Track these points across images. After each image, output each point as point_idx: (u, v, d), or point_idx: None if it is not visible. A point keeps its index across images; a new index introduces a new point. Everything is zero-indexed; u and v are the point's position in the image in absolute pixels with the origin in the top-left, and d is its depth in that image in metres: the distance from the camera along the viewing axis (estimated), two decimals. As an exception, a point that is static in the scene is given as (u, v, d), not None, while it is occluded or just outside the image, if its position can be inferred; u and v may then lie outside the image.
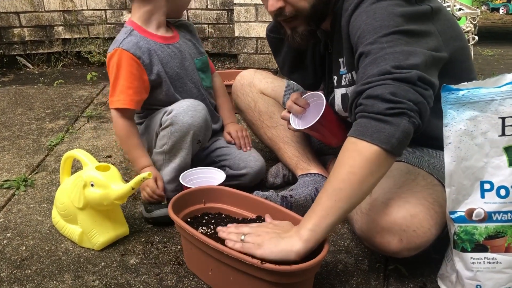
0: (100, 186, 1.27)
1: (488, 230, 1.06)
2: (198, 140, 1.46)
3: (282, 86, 1.68)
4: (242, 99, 1.69)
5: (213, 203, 1.35)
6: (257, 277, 1.05)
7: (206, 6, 3.14)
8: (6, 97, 2.65)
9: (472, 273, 1.09)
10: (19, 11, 3.17)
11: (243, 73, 1.74)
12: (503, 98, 1.00)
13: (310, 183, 1.47)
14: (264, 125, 1.63)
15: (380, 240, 1.14)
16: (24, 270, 1.27)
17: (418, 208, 1.13)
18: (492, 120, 1.02)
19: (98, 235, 1.33)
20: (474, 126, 1.03)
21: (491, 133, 1.03)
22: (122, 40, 1.46)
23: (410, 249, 1.14)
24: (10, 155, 1.94)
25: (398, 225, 1.12)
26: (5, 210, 1.55)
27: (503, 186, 1.04)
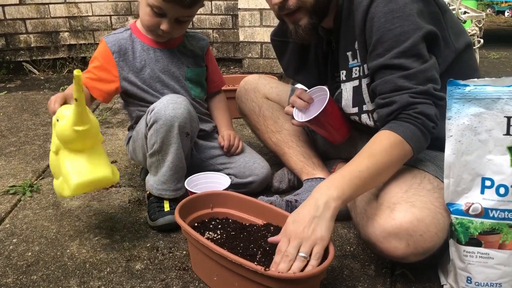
0: (62, 117, 1.22)
1: (484, 225, 1.08)
2: (187, 133, 1.44)
3: (287, 91, 1.68)
4: (247, 104, 1.69)
5: (220, 208, 1.35)
6: (262, 284, 1.04)
7: (211, 11, 3.15)
8: (13, 103, 2.67)
9: (464, 264, 1.11)
10: (25, 17, 3.20)
11: (247, 79, 1.74)
12: (510, 98, 1.01)
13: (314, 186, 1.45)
14: (268, 130, 1.63)
15: (386, 245, 1.13)
16: (30, 276, 1.27)
17: (424, 212, 1.13)
18: (498, 119, 1.03)
19: (74, 175, 1.22)
20: (479, 123, 1.04)
21: (496, 131, 1.04)
22: (112, 33, 1.59)
23: (418, 254, 1.13)
24: (16, 161, 1.95)
25: (404, 229, 1.11)
26: (11, 216, 1.56)
27: (503, 185, 1.05)
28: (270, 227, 1.26)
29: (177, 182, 1.47)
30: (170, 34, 1.50)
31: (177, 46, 1.60)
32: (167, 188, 1.46)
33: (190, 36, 1.65)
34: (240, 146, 1.66)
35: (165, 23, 1.45)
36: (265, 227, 1.26)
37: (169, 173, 1.45)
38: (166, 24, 1.45)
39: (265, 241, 1.19)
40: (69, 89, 1.38)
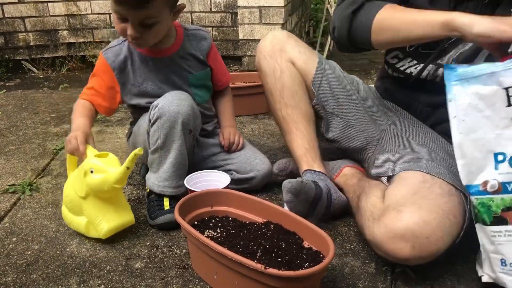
0: (99, 171, 1.28)
1: (505, 201, 1.05)
2: (190, 130, 1.44)
3: (314, 61, 1.51)
4: (270, 63, 1.51)
5: (220, 207, 1.34)
6: (262, 282, 1.04)
7: (210, 9, 3.14)
8: (12, 102, 2.66)
9: (494, 246, 1.08)
10: (24, 16, 3.19)
11: (275, 34, 1.56)
12: (504, 70, 1.02)
13: (318, 179, 1.43)
14: (282, 101, 1.50)
15: (392, 246, 1.13)
16: (29, 274, 1.26)
17: (432, 215, 1.12)
18: (498, 92, 1.04)
19: (103, 222, 1.34)
20: (480, 99, 1.05)
21: (498, 105, 1.04)
22: (109, 47, 1.56)
23: (422, 257, 1.13)
24: (15, 160, 1.95)
25: (410, 231, 1.11)
26: (10, 215, 1.55)
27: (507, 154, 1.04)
28: (270, 225, 1.25)
29: (178, 179, 1.47)
30: (144, 40, 1.43)
31: (176, 51, 1.56)
32: (169, 185, 1.46)
33: (191, 36, 1.59)
34: (241, 142, 1.65)
35: (129, 28, 1.38)
36: (265, 225, 1.26)
37: (172, 169, 1.44)
38: (131, 29, 1.38)
39: (265, 239, 1.19)
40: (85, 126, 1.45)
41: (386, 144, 1.46)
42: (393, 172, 1.33)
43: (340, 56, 3.59)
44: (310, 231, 1.18)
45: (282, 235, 1.21)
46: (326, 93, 1.50)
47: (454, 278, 1.23)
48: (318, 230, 1.16)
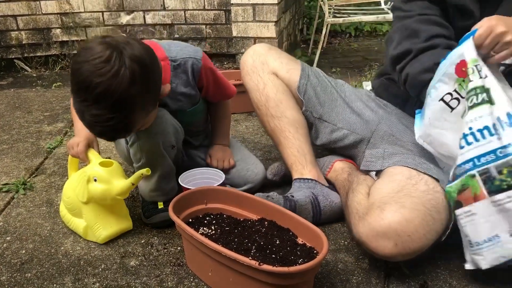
0: (103, 181, 1.29)
1: (457, 186, 1.14)
2: (172, 145, 1.39)
3: (297, 69, 1.54)
4: (252, 78, 1.53)
5: (214, 204, 1.35)
6: (256, 279, 1.05)
7: (204, 7, 3.13)
8: (5, 101, 2.65)
9: (462, 229, 1.16)
10: (16, 14, 3.16)
11: (256, 48, 1.58)
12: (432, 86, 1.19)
13: (306, 188, 1.45)
14: (268, 113, 1.51)
15: (375, 244, 1.15)
16: (24, 273, 1.26)
17: (414, 213, 1.14)
18: (435, 106, 1.19)
19: (102, 228, 1.36)
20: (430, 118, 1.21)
21: (445, 114, 1.17)
22: None
23: (405, 254, 1.15)
24: (9, 159, 1.94)
25: (393, 229, 1.13)
26: (4, 214, 1.55)
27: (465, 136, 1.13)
28: (264, 221, 1.26)
29: (168, 184, 1.45)
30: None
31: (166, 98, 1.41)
32: (159, 194, 1.45)
33: (179, 69, 1.42)
34: (231, 164, 1.58)
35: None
36: (259, 222, 1.27)
37: (159, 181, 1.42)
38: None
39: (259, 236, 1.20)
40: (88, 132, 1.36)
41: (376, 142, 1.47)
42: (381, 167, 1.34)
43: (333, 53, 3.60)
44: (304, 228, 1.19)
45: (276, 232, 1.22)
46: (312, 99, 1.52)
47: (446, 272, 1.24)
48: (312, 226, 1.16)
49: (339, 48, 3.77)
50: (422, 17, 1.33)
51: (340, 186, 1.50)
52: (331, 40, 3.93)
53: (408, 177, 1.25)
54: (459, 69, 1.13)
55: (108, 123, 1.15)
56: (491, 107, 1.09)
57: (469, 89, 1.11)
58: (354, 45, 3.82)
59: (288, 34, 3.26)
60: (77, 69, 1.13)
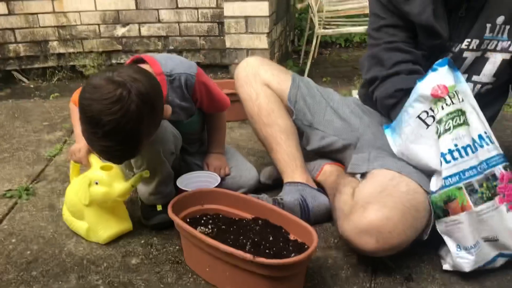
0: (104, 184, 1.36)
1: (442, 196, 1.23)
2: (172, 152, 1.47)
3: (288, 80, 1.62)
4: (245, 89, 1.62)
5: (211, 205, 1.42)
6: (251, 271, 1.12)
7: (198, 19, 3.23)
8: (4, 111, 2.71)
9: (448, 235, 1.26)
10: (15, 27, 3.24)
11: (249, 60, 1.67)
12: (409, 105, 1.31)
13: (295, 191, 1.52)
14: (261, 121, 1.60)
15: (359, 240, 1.24)
16: (30, 272, 1.33)
17: (394, 211, 1.23)
18: (413, 123, 1.30)
19: (103, 230, 1.43)
20: (407, 134, 1.33)
21: (422, 131, 1.29)
22: None
23: (386, 250, 1.24)
24: (10, 166, 2.00)
25: (374, 227, 1.22)
26: (8, 218, 1.61)
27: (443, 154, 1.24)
28: (258, 220, 1.34)
29: (166, 188, 1.52)
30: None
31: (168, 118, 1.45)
32: (158, 197, 1.51)
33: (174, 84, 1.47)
34: (226, 172, 1.66)
35: None
36: (254, 220, 1.34)
37: (159, 185, 1.49)
38: None
39: (253, 233, 1.27)
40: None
41: (363, 146, 1.56)
42: (366, 169, 1.43)
43: (323, 63, 3.71)
44: (295, 225, 1.27)
45: (270, 230, 1.29)
46: (302, 108, 1.61)
47: (429, 266, 1.32)
48: (303, 223, 1.24)
49: (329, 59, 3.88)
50: (388, 45, 1.45)
51: (329, 188, 1.58)
52: (321, 50, 4.04)
53: (390, 178, 1.34)
54: (434, 91, 1.24)
55: (116, 153, 1.25)
56: (468, 128, 1.24)
57: (453, 110, 1.23)
58: (344, 56, 3.93)
59: (280, 45, 3.36)
60: (87, 105, 1.20)
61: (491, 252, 1.24)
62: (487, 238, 1.22)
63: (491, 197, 1.20)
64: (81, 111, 1.23)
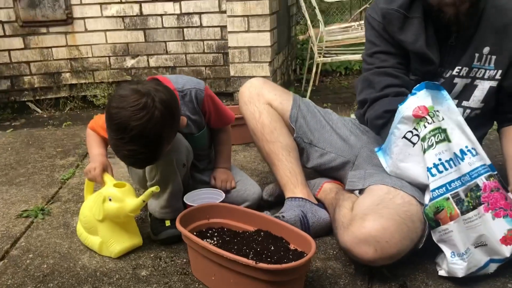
0: (117, 200, 1.46)
1: (431, 208, 1.32)
2: (183, 164, 1.58)
3: (289, 100, 1.72)
4: (249, 107, 1.72)
5: (216, 219, 1.51)
6: (254, 277, 1.20)
7: (203, 50, 3.39)
8: (19, 139, 2.84)
9: (442, 244, 1.34)
10: (30, 60, 3.41)
11: (253, 82, 1.76)
12: (394, 127, 1.42)
13: (296, 206, 1.60)
14: (264, 139, 1.69)
15: (358, 250, 1.32)
16: (46, 284, 1.41)
17: (390, 222, 1.32)
18: (400, 143, 1.41)
19: (115, 244, 1.51)
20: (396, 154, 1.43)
21: (409, 150, 1.39)
22: None
23: (384, 258, 1.31)
24: (26, 189, 2.11)
25: (372, 236, 1.30)
26: (25, 236, 1.71)
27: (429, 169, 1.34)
28: (260, 232, 1.42)
29: (176, 203, 1.62)
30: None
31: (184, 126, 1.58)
32: (168, 211, 1.61)
33: (186, 98, 1.61)
34: (232, 186, 1.75)
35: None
36: (256, 232, 1.43)
37: (170, 198, 1.59)
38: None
39: (256, 244, 1.36)
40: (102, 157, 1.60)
41: (360, 164, 1.66)
42: (363, 186, 1.52)
43: (324, 90, 3.84)
44: (295, 235, 1.35)
45: (271, 240, 1.38)
46: (303, 127, 1.71)
47: (423, 274, 1.40)
48: (302, 233, 1.33)
49: (330, 86, 4.02)
50: (379, 70, 1.58)
51: (329, 203, 1.67)
52: (322, 78, 4.19)
53: (386, 192, 1.43)
54: (416, 112, 1.35)
55: (140, 156, 1.37)
56: (448, 144, 1.35)
57: (434, 128, 1.34)
58: (344, 83, 4.07)
59: (282, 74, 3.50)
60: (115, 113, 1.33)
61: (483, 257, 1.31)
62: (476, 243, 1.30)
63: (475, 206, 1.30)
64: (108, 119, 1.36)
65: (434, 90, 1.39)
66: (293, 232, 1.36)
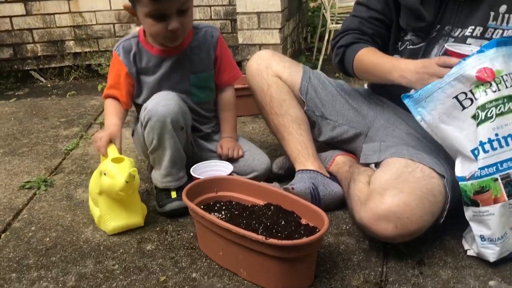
0: (110, 176, 1.38)
1: (474, 186, 1.20)
2: (181, 127, 1.51)
3: (299, 72, 1.65)
4: (257, 80, 1.65)
5: (224, 192, 1.45)
6: (263, 253, 1.14)
7: (210, 17, 3.27)
8: (22, 109, 2.78)
9: (474, 225, 1.24)
10: (32, 27, 3.32)
11: (261, 53, 1.70)
12: (447, 83, 1.21)
13: (307, 178, 1.54)
14: (273, 112, 1.63)
15: (377, 227, 1.24)
16: (49, 257, 1.37)
17: (411, 197, 1.24)
18: (448, 102, 1.22)
19: (110, 220, 1.45)
20: (439, 113, 1.24)
21: (456, 112, 1.21)
22: (120, 43, 1.64)
23: (405, 235, 1.24)
24: (29, 160, 2.06)
25: (392, 212, 1.22)
26: (28, 207, 1.66)
27: (482, 143, 1.18)
28: (270, 206, 1.36)
29: (178, 172, 1.56)
30: (182, 30, 1.50)
31: (184, 51, 1.61)
32: (171, 180, 1.55)
33: (200, 35, 1.64)
34: (240, 154, 1.69)
35: (171, 22, 1.45)
36: (266, 206, 1.36)
37: (170, 165, 1.53)
38: (173, 21, 1.44)
39: (265, 218, 1.29)
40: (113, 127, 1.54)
41: (374, 135, 1.57)
42: (378, 159, 1.44)
43: (336, 59, 3.71)
44: (306, 209, 1.28)
45: (282, 214, 1.31)
46: (314, 99, 1.63)
47: (441, 251, 1.33)
48: (314, 207, 1.26)
49: (342, 55, 3.88)
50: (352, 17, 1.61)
51: (342, 177, 1.59)
52: (334, 47, 4.05)
53: (405, 165, 1.34)
54: (481, 75, 1.16)
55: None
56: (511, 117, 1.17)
57: (497, 97, 1.16)
58: (357, 52, 3.93)
59: (292, 41, 3.38)
60: None
61: None
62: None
63: None
64: None
65: (508, 47, 1.20)
66: (305, 206, 1.29)
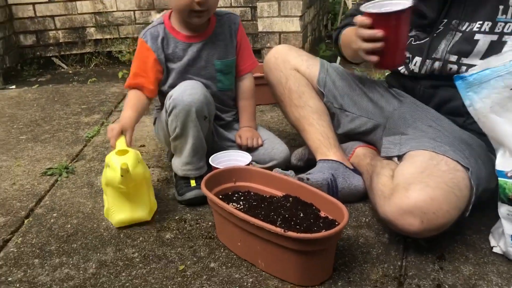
0: (112, 169, 1.37)
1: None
2: (205, 116, 1.51)
3: (316, 65, 1.65)
4: (275, 74, 1.67)
5: (243, 182, 1.45)
6: (282, 246, 1.14)
7: (230, 4, 3.25)
8: (44, 95, 2.82)
9: (507, 223, 1.19)
10: (54, 14, 3.35)
11: (278, 48, 1.72)
12: (508, 72, 1.11)
13: (327, 168, 1.51)
14: (292, 104, 1.63)
15: (402, 222, 1.22)
16: (70, 244, 1.39)
17: (437, 191, 1.21)
18: (505, 93, 1.14)
19: (115, 213, 1.45)
20: (493, 103, 1.17)
21: (510, 104, 1.14)
22: (147, 30, 1.63)
23: (431, 230, 1.22)
24: (51, 146, 2.09)
25: (418, 207, 1.20)
26: (50, 194, 1.69)
27: None
28: (289, 197, 1.35)
29: (199, 161, 1.57)
30: (208, 4, 1.51)
31: (209, 37, 1.63)
32: (191, 168, 1.56)
33: (223, 22, 1.66)
34: (259, 143, 1.69)
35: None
36: (284, 197, 1.36)
37: (191, 154, 1.54)
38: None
39: (284, 209, 1.29)
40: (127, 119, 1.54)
41: (393, 127, 1.54)
42: (399, 152, 1.41)
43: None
44: (326, 202, 1.27)
45: (300, 206, 1.30)
46: (332, 91, 1.62)
47: (463, 246, 1.31)
48: (334, 200, 1.25)
49: (363, 43, 3.81)
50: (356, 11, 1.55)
51: (363, 170, 1.57)
52: (355, 35, 3.98)
53: (429, 158, 1.31)
54: None
55: None
56: None
57: None
58: (379, 40, 3.86)
59: (313, 29, 3.34)
60: None
61: None
62: None
63: None
64: None
65: None
66: (324, 198, 1.28)
